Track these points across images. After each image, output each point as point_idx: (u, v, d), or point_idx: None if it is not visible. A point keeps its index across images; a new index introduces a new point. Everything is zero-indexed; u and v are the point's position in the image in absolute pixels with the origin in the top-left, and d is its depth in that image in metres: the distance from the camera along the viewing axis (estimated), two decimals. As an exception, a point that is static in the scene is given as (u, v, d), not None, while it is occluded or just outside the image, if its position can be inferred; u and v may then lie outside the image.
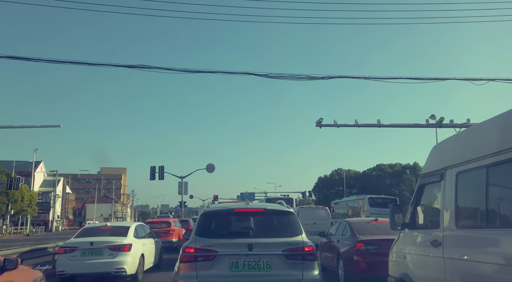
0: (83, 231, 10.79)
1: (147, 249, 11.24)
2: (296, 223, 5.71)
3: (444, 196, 4.39)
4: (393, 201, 31.10)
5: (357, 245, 8.74)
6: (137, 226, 11.35)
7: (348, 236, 9.43)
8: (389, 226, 9.71)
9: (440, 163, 4.62)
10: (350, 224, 9.74)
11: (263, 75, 13.61)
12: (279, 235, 5.48)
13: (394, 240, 8.70)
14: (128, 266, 9.67)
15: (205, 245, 5.27)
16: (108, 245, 9.64)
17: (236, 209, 5.88)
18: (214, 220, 5.84)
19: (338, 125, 21.71)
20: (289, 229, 5.58)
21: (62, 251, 9.62)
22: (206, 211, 5.90)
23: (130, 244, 9.92)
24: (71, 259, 9.46)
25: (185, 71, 13.04)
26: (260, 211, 5.91)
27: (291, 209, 5.99)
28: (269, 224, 5.78)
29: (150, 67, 12.75)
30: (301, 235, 5.50)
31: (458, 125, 20.92)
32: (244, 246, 5.21)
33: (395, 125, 22.46)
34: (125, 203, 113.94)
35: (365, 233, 9.13)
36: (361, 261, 8.57)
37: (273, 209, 5.97)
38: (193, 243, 5.35)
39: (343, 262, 9.17)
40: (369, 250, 8.53)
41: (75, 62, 12.50)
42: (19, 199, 53.88)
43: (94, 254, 9.55)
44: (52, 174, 77.50)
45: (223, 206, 6.17)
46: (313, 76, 13.82)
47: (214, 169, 41.38)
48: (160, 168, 38.88)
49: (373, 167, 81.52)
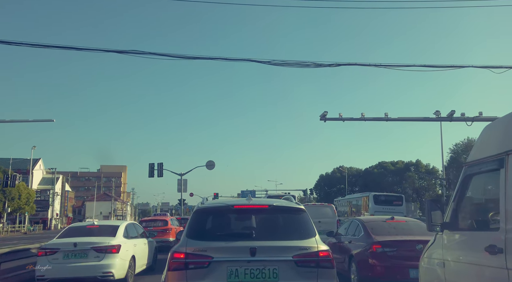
0: (67, 230, 9.80)
1: (139, 250, 10.26)
2: (308, 222, 4.71)
3: (506, 187, 3.38)
4: (399, 198, 30.13)
5: (372, 247, 7.75)
6: (128, 225, 10.36)
7: (361, 237, 8.44)
8: (408, 225, 8.82)
9: (498, 146, 3.61)
10: (364, 223, 8.74)
11: (266, 62, 12.58)
12: (288, 237, 4.50)
13: (415, 241, 7.79)
14: (116, 269, 8.69)
15: (198, 250, 4.29)
16: (93, 246, 8.66)
17: (236, 206, 4.88)
18: (209, 219, 4.86)
19: (344, 119, 20.64)
20: (300, 230, 4.60)
21: (42, 253, 8.62)
22: (200, 208, 4.89)
23: (119, 245, 8.93)
24: (52, 262, 8.47)
25: (182, 57, 12.03)
26: (264, 207, 4.89)
27: (302, 206, 4.97)
28: (276, 224, 4.77)
29: (143, 52, 11.73)
30: (314, 237, 4.51)
31: (470, 118, 19.85)
32: (245, 250, 4.24)
33: (403, 119, 21.39)
34: (125, 201, 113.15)
35: (381, 233, 8.13)
36: (377, 265, 7.57)
37: (281, 205, 4.94)
38: (183, 247, 4.36)
39: (356, 265, 8.18)
40: (387, 253, 7.54)
41: (61, 47, 11.47)
42: (16, 197, 53.02)
43: (78, 257, 8.56)
44: (51, 172, 76.58)
45: (220, 202, 5.15)
46: (320, 64, 12.77)
47: (214, 166, 40.40)
48: (159, 165, 38.09)
49: (375, 165, 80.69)
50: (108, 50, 11.77)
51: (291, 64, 12.68)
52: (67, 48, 11.41)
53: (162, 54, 11.82)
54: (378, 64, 13.37)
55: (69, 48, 11.43)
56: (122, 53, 11.69)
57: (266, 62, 12.55)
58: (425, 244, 7.62)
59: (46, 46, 11.20)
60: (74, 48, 11.47)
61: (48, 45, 11.25)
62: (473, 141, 54.89)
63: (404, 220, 8.88)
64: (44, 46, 11.18)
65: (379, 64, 13.40)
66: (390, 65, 13.55)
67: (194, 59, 12.23)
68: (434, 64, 13.66)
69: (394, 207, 28.79)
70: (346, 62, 13.22)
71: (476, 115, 19.69)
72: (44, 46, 11.20)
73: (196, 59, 12.24)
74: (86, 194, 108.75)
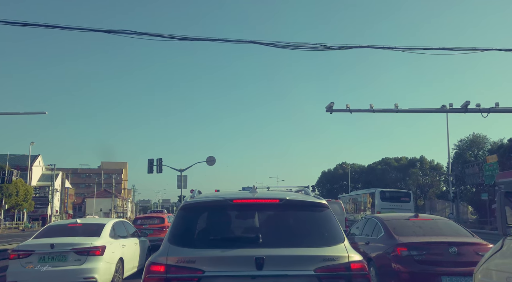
0: (45, 229, 8.67)
1: (129, 251, 9.16)
2: (334, 222, 3.53)
3: None
4: (406, 194, 28.97)
5: (396, 250, 6.61)
6: (116, 223, 9.25)
7: (381, 237, 7.31)
8: (436, 223, 7.63)
9: None
10: (383, 221, 7.59)
11: (270, 44, 11.42)
12: (307, 243, 3.33)
13: (447, 243, 6.66)
14: (100, 274, 7.58)
15: (183, 260, 3.14)
16: (74, 248, 7.54)
17: (236, 200, 3.62)
18: (200, 218, 3.67)
19: (351, 111, 19.43)
20: (324, 233, 3.43)
21: (14, 256, 7.51)
22: (188, 203, 3.69)
23: (103, 247, 7.82)
24: (26, 266, 7.37)
25: (176, 38, 10.86)
26: (275, 202, 3.61)
27: (324, 200, 3.77)
28: (291, 225, 3.58)
29: (134, 32, 10.57)
30: (343, 243, 3.35)
31: (485, 109, 18.63)
32: (249, 261, 3.10)
33: (414, 111, 20.18)
34: (126, 197, 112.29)
35: (405, 233, 7.00)
36: (402, 271, 6.44)
37: (296, 199, 3.69)
38: (163, 257, 3.20)
39: (376, 270, 7.05)
40: (414, 257, 6.40)
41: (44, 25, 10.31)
42: (13, 193, 52.12)
43: (56, 260, 7.45)
44: (50, 168, 75.60)
45: (215, 196, 3.88)
46: (329, 46, 11.61)
47: (214, 162, 39.35)
48: (158, 161, 37.11)
49: (379, 161, 79.57)
50: (95, 30, 10.64)
51: (297, 47, 11.52)
52: (49, 26, 10.24)
53: (154, 34, 10.68)
54: (392, 46, 12.21)
55: (52, 26, 10.27)
56: (111, 33, 10.55)
57: (270, 44, 11.40)
58: (460, 246, 6.52)
59: (25, 24, 10.06)
60: (57, 27, 10.31)
61: (28, 23, 10.11)
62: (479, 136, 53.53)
63: (430, 218, 7.74)
64: (22, 24, 10.05)
65: (393, 47, 12.25)
66: (405, 48, 12.40)
67: (190, 40, 11.06)
68: (453, 47, 12.49)
69: (401, 204, 27.66)
70: (358, 45, 12.05)
71: (493, 106, 18.49)
72: (23, 24, 10.06)
73: (192, 40, 11.07)
74: (86, 190, 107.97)
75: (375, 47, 12.33)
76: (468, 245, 6.52)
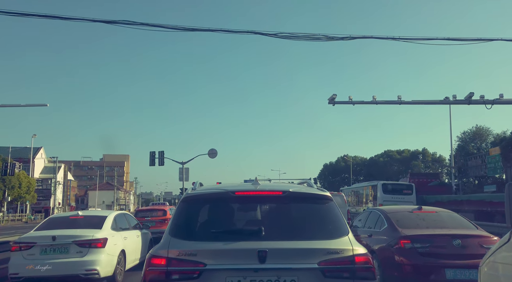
0: (47, 222, 8.65)
1: (131, 244, 9.15)
2: (338, 215, 3.48)
3: None
4: (409, 187, 28.87)
5: (400, 242, 6.56)
6: (118, 215, 9.22)
7: (384, 230, 7.25)
8: (440, 216, 7.56)
9: None
10: (386, 213, 7.53)
11: (272, 35, 11.29)
12: (310, 235, 3.29)
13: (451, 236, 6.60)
14: (101, 266, 7.57)
15: (184, 253, 3.11)
16: (75, 240, 7.52)
17: (238, 192, 3.57)
18: (201, 211, 3.63)
19: (354, 103, 19.32)
20: (328, 225, 3.38)
21: (16, 248, 7.50)
22: (189, 195, 3.65)
23: (105, 239, 7.80)
24: (28, 259, 7.36)
25: (176, 28, 10.73)
26: (278, 195, 3.58)
27: (328, 192, 3.72)
28: (294, 217, 3.56)
29: (134, 23, 10.48)
30: (347, 236, 3.31)
31: (489, 101, 18.49)
32: (251, 254, 3.06)
33: (418, 102, 20.04)
34: (128, 190, 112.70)
35: (409, 225, 6.94)
36: (406, 264, 6.39)
37: (300, 191, 3.65)
38: (164, 250, 3.17)
39: (378, 263, 7.00)
40: (417, 249, 6.35)
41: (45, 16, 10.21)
42: (16, 185, 52.34)
43: (58, 252, 7.44)
44: (52, 160, 75.86)
45: (216, 188, 3.81)
46: (332, 36, 11.47)
47: (216, 154, 39.27)
48: (160, 153, 37.16)
49: (381, 153, 79.55)
50: (95, 20, 10.51)
51: (299, 37, 11.39)
52: (51, 17, 10.14)
53: (154, 25, 10.57)
54: (395, 37, 12.06)
55: (53, 17, 10.17)
56: (111, 23, 10.44)
57: (272, 34, 11.27)
58: (463, 239, 6.45)
59: (26, 15, 9.95)
60: (58, 17, 10.21)
61: (29, 13, 10.00)
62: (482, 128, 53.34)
63: (434, 210, 7.66)
64: (23, 14, 9.94)
65: (397, 37, 12.09)
66: (409, 39, 12.23)
67: (191, 31, 10.94)
68: (458, 37, 12.33)
69: (403, 196, 27.60)
70: (361, 35, 11.90)
71: (497, 98, 18.34)
72: (24, 14, 9.95)
73: (193, 31, 10.96)
74: (89, 183, 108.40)
75: (378, 37, 12.19)
76: (472, 238, 6.47)
